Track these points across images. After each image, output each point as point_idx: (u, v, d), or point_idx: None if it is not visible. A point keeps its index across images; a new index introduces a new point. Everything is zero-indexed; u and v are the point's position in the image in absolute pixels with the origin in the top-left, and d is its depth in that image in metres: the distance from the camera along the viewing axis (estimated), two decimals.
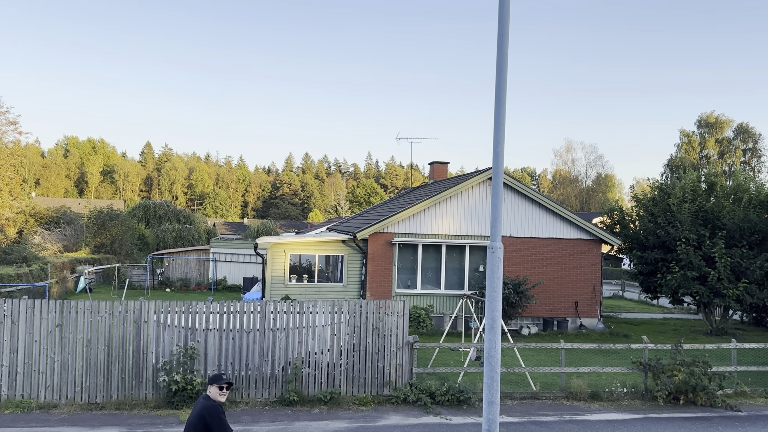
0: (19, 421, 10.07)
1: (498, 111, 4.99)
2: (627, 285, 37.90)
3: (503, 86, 5.01)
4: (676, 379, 12.26)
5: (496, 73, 5.03)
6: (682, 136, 67.35)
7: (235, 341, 11.53)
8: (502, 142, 5.00)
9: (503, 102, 5.00)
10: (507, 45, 5.03)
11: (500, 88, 5.01)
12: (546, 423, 10.98)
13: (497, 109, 4.99)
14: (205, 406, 6.06)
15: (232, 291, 31.21)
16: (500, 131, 4.99)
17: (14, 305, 10.96)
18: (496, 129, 5.00)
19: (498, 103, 5.00)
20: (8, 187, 37.72)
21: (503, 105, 4.99)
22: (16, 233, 38.93)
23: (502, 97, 5.00)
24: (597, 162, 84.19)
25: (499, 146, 5.00)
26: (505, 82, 5.03)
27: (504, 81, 5.02)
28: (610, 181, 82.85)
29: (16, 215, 39.10)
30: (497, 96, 5.01)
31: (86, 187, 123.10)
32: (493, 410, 4.96)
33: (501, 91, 5.01)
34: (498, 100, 5.00)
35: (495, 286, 5.00)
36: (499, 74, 5.02)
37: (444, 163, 27.95)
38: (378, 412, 11.28)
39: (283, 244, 20.57)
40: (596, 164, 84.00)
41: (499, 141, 4.99)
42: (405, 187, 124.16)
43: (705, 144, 65.59)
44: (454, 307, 20.44)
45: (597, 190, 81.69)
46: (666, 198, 22.67)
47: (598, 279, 21.70)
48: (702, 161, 64.66)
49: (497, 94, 5.01)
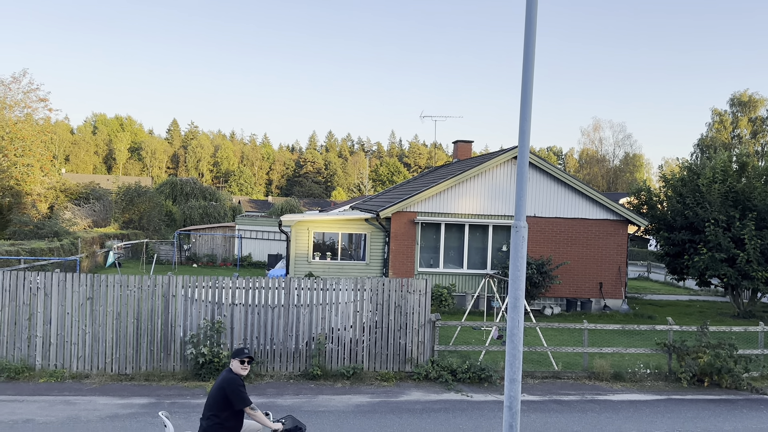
0: (53, 390, 10.43)
1: (525, 89, 4.94)
2: (653, 266, 37.44)
3: (531, 64, 4.95)
4: (701, 361, 12.16)
5: (524, 50, 4.97)
6: (714, 115, 65.66)
7: (260, 316, 11.73)
8: (528, 121, 4.95)
9: (530, 80, 4.94)
10: (535, 22, 4.95)
11: (527, 65, 4.95)
12: (567, 402, 11.01)
13: (524, 87, 4.94)
14: (225, 378, 6.25)
15: (256, 267, 31.63)
16: (527, 109, 4.94)
17: (47, 278, 11.28)
18: (522, 107, 4.96)
19: (525, 81, 4.95)
20: (39, 163, 38.50)
21: (530, 83, 4.94)
22: (48, 208, 39.84)
23: (530, 74, 4.94)
24: (625, 141, 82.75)
25: (526, 124, 4.95)
26: (533, 60, 4.96)
27: (531, 58, 4.95)
28: (638, 161, 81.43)
29: (47, 191, 39.96)
30: (524, 74, 4.95)
31: (114, 164, 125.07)
32: (514, 388, 4.99)
33: (528, 69, 4.95)
34: (525, 78, 4.95)
35: (518, 266, 5.00)
36: (526, 51, 4.96)
37: (468, 141, 27.74)
38: (400, 387, 11.42)
39: (306, 222, 20.73)
40: (624, 143, 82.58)
41: (526, 119, 4.95)
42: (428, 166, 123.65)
43: (737, 123, 63.87)
44: (476, 286, 20.45)
45: (624, 170, 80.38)
46: (695, 178, 22.23)
47: (624, 260, 21.48)
48: (734, 141, 63.05)
49: (524, 71, 4.96)
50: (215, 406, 6.17)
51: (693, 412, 10.65)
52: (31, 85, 37.51)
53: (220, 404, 6.16)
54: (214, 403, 6.18)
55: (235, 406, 6.15)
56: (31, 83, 37.91)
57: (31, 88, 37.31)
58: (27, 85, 37.16)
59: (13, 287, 11.20)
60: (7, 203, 35.56)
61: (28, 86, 37.22)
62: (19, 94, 36.80)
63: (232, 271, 29.46)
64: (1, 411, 9.30)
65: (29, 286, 11.24)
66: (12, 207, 35.60)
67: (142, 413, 9.45)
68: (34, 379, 10.90)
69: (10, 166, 35.67)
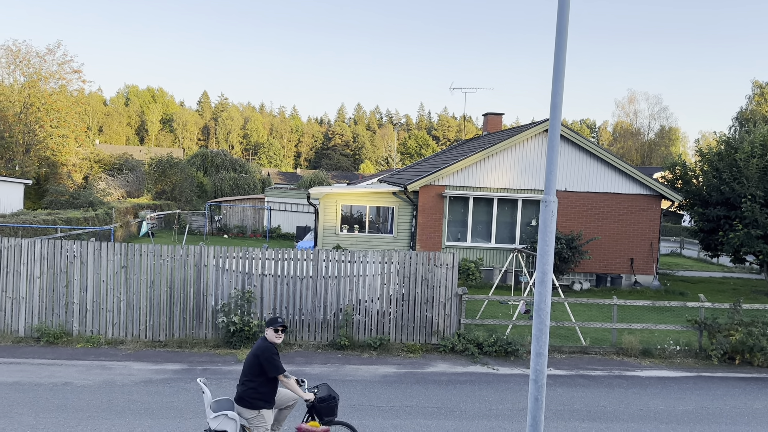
0: (89, 355, 10.79)
1: (557, 59, 4.82)
2: (686, 242, 36.75)
3: (564, 32, 4.82)
4: (732, 339, 11.98)
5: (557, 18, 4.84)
6: (755, 87, 63.36)
7: (289, 287, 11.89)
8: (560, 93, 4.85)
9: (563, 49, 4.82)
10: None
11: (560, 34, 4.83)
12: (594, 377, 10.98)
13: (557, 57, 4.82)
14: (259, 347, 6.39)
15: (285, 239, 31.99)
16: (559, 80, 4.83)
17: (83, 247, 11.59)
18: (555, 78, 4.85)
19: (558, 50, 4.83)
20: (74, 134, 39.28)
21: (563, 53, 4.82)
22: (83, 179, 40.76)
23: (563, 44, 4.82)
24: (661, 114, 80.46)
25: (557, 97, 4.85)
26: (566, 28, 4.83)
27: (565, 27, 4.82)
28: (673, 135, 79.26)
29: (81, 161, 40.83)
30: (557, 43, 4.83)
31: (146, 135, 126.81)
32: (540, 361, 4.98)
33: (561, 38, 4.83)
34: (558, 48, 4.83)
35: (547, 240, 4.95)
36: (560, 19, 4.83)
37: (498, 114, 27.35)
38: (426, 359, 11.52)
39: (334, 194, 20.81)
40: (660, 116, 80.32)
41: (558, 91, 4.84)
42: (457, 139, 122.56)
43: None
44: (504, 260, 20.36)
45: (660, 143, 78.36)
46: (733, 153, 21.58)
47: (656, 235, 21.12)
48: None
49: (557, 41, 4.83)
50: (250, 372, 6.34)
51: (723, 390, 10.54)
52: (65, 56, 38.08)
53: (255, 371, 6.32)
54: (249, 370, 6.36)
55: (268, 374, 6.30)
56: (65, 55, 38.49)
57: (65, 60, 37.90)
58: (61, 57, 37.75)
59: (50, 255, 11.54)
60: (44, 173, 36.46)
61: (63, 58, 37.81)
62: (54, 66, 37.42)
63: (262, 242, 29.85)
64: (42, 374, 9.68)
65: (66, 254, 11.57)
66: (48, 177, 36.51)
67: (174, 379, 9.73)
68: (72, 344, 11.29)
69: (46, 137, 36.48)
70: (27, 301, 11.53)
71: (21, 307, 11.52)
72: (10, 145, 34.17)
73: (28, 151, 35.44)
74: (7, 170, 33.12)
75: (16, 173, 33.12)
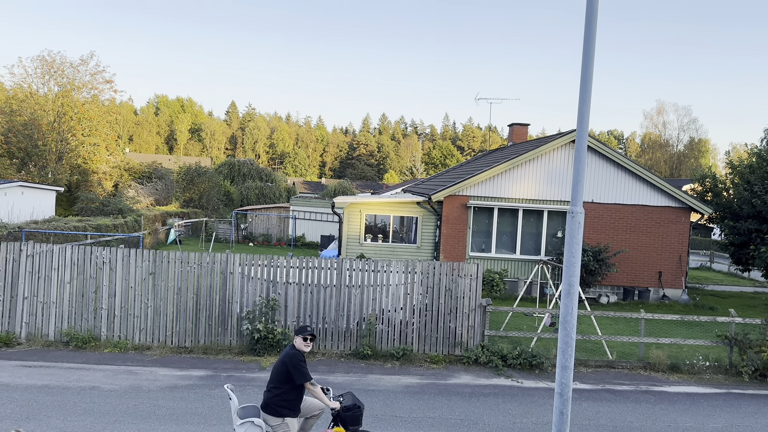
0: (117, 360, 10.96)
1: (585, 69, 4.80)
2: (716, 256, 36.00)
3: (592, 42, 4.80)
4: (764, 356, 11.68)
5: (585, 27, 4.82)
6: None
7: (312, 295, 11.95)
8: (588, 103, 4.82)
9: (591, 59, 4.80)
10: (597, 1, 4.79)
11: (588, 43, 4.81)
12: (621, 392, 10.79)
13: (584, 66, 4.80)
14: (288, 354, 6.45)
15: (309, 248, 32.16)
16: (586, 90, 4.81)
17: (112, 253, 11.81)
18: (582, 88, 4.82)
19: (585, 60, 4.81)
20: (105, 142, 40.12)
21: (591, 62, 4.79)
22: (113, 186, 41.58)
23: (590, 53, 4.80)
24: (690, 126, 79.25)
25: (585, 107, 4.82)
26: (594, 38, 4.81)
27: (593, 36, 4.80)
28: (703, 146, 77.95)
29: (112, 169, 41.68)
30: (585, 52, 4.81)
31: (175, 144, 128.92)
32: (566, 375, 4.93)
33: (589, 47, 4.81)
34: (585, 57, 4.81)
35: (574, 252, 4.91)
36: (587, 28, 4.81)
37: (524, 124, 27.22)
38: (449, 370, 11.45)
39: (359, 204, 20.89)
40: (689, 128, 79.11)
41: (585, 101, 4.81)
42: (482, 149, 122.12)
43: None
44: (528, 272, 20.18)
45: (689, 155, 77.11)
46: (765, 165, 21.13)
47: (685, 249, 20.73)
48: None
49: (585, 50, 4.81)
50: (277, 379, 6.39)
51: (753, 407, 10.26)
52: (97, 67, 38.99)
53: (282, 378, 6.36)
54: (276, 377, 6.41)
55: (295, 381, 6.33)
56: (98, 65, 39.37)
57: (98, 70, 38.80)
58: (94, 67, 38.66)
59: (80, 261, 11.78)
60: (75, 181, 37.28)
61: (95, 68, 38.72)
62: (87, 76, 38.32)
63: (287, 250, 30.06)
64: (70, 378, 9.85)
65: (95, 260, 11.80)
66: (80, 184, 37.31)
67: (200, 385, 9.82)
68: (100, 349, 11.48)
69: (78, 145, 37.33)
70: (57, 305, 11.77)
71: (51, 311, 11.76)
72: (43, 153, 35.05)
73: (61, 159, 36.30)
74: (40, 177, 33.96)
75: (49, 180, 33.93)
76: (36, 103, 36.13)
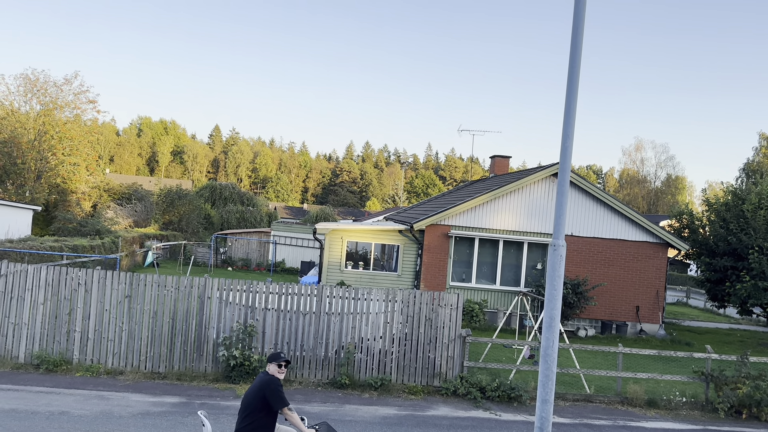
0: (88, 384, 10.68)
1: (568, 104, 4.90)
2: (692, 292, 36.42)
3: (575, 82, 4.91)
4: (739, 392, 11.75)
5: (569, 65, 4.93)
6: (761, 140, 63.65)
7: (291, 322, 11.82)
8: (570, 137, 4.91)
9: (574, 95, 4.90)
10: (581, 41, 4.92)
11: (572, 80, 4.91)
12: (598, 426, 10.76)
13: (568, 101, 4.90)
14: (264, 380, 6.32)
15: (289, 273, 31.91)
16: (570, 125, 4.90)
17: (88, 275, 11.60)
18: (565, 123, 4.92)
19: (569, 95, 4.91)
20: (85, 162, 39.75)
21: (574, 98, 4.90)
22: (91, 207, 41.06)
23: (574, 89, 4.90)
24: (668, 163, 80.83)
25: (568, 141, 4.91)
26: (578, 78, 4.92)
27: (577, 74, 4.91)
28: (680, 183, 79.44)
29: (91, 190, 41.21)
30: (569, 88, 4.91)
31: (157, 166, 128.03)
32: (546, 408, 4.91)
33: (573, 84, 4.91)
34: (569, 93, 4.91)
35: (555, 285, 4.94)
36: (571, 67, 4.92)
37: (506, 157, 27.56)
38: (427, 402, 11.34)
39: (340, 230, 20.85)
40: (667, 165, 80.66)
41: (568, 135, 4.90)
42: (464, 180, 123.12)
43: None
44: (508, 303, 20.21)
45: (666, 191, 78.47)
46: (740, 203, 21.61)
47: (662, 284, 20.96)
48: None
49: (569, 86, 4.92)
50: (250, 407, 6.24)
51: None
52: (81, 87, 38.87)
53: (257, 405, 6.21)
54: (250, 405, 6.25)
55: (273, 407, 6.20)
56: (82, 85, 39.38)
57: (82, 90, 38.65)
58: (78, 87, 38.52)
59: (55, 282, 11.55)
60: (53, 200, 36.76)
61: (79, 88, 38.57)
62: (70, 96, 38.13)
63: (266, 276, 29.79)
64: (39, 402, 9.57)
65: (71, 281, 11.57)
66: (57, 204, 36.80)
67: (173, 412, 9.60)
68: (71, 373, 11.19)
69: (57, 164, 36.92)
70: (29, 327, 11.48)
71: (23, 333, 11.47)
72: (22, 171, 34.58)
73: (39, 177, 35.83)
74: (17, 196, 33.42)
75: (26, 199, 33.41)
76: (17, 120, 35.77)
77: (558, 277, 4.91)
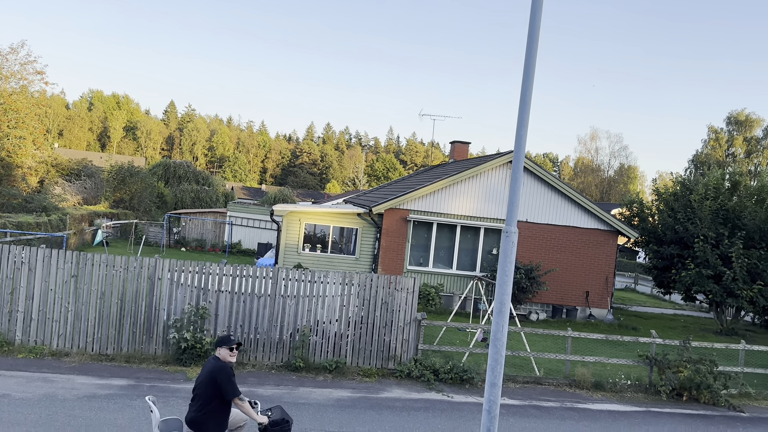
0: (31, 366, 10.34)
1: (524, 92, 4.91)
2: (640, 278, 37.66)
3: (531, 70, 4.92)
4: (681, 376, 12.23)
5: (526, 53, 4.94)
6: (710, 132, 66.00)
7: (245, 304, 11.67)
8: (525, 125, 4.93)
9: (530, 87, 4.91)
10: (538, 29, 4.93)
11: (528, 71, 4.92)
12: (547, 408, 11.04)
13: (524, 89, 4.91)
14: (216, 367, 6.15)
15: (246, 255, 31.52)
16: (525, 113, 4.92)
17: (32, 253, 11.17)
18: (521, 110, 4.93)
19: (524, 87, 4.92)
20: (32, 136, 38.14)
21: (530, 86, 4.91)
22: (38, 183, 39.53)
23: (530, 81, 4.92)
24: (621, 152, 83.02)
25: (523, 129, 4.93)
26: (534, 66, 4.93)
27: (532, 64, 4.92)
28: (632, 173, 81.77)
29: (38, 165, 39.62)
30: (524, 80, 4.93)
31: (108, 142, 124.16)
32: (494, 392, 4.98)
33: (528, 75, 4.92)
34: (524, 85, 4.92)
35: (506, 270, 4.98)
36: (528, 57, 4.93)
37: (465, 143, 27.74)
38: (381, 384, 11.41)
39: (299, 212, 20.66)
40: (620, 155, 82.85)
41: (523, 123, 4.92)
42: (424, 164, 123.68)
43: (732, 142, 64.21)
44: (464, 287, 20.47)
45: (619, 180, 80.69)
46: (688, 194, 22.36)
47: (612, 270, 21.57)
48: (728, 159, 63.39)
49: (524, 78, 4.93)
50: (204, 394, 6.08)
51: (670, 426, 10.71)
52: (28, 57, 37.25)
53: (210, 393, 6.06)
54: (203, 391, 6.08)
55: (226, 396, 6.07)
56: (29, 55, 37.70)
57: (29, 60, 36.97)
58: (24, 57, 36.82)
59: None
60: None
61: (26, 58, 36.89)
62: (16, 66, 36.44)
63: (221, 257, 29.35)
64: None
65: (13, 259, 11.13)
66: (2, 179, 35.26)
67: (120, 395, 9.38)
68: (13, 354, 10.81)
69: (2, 137, 35.32)
70: None
71: None
72: None
73: None
74: None
75: None
76: None
77: (509, 263, 4.96)
